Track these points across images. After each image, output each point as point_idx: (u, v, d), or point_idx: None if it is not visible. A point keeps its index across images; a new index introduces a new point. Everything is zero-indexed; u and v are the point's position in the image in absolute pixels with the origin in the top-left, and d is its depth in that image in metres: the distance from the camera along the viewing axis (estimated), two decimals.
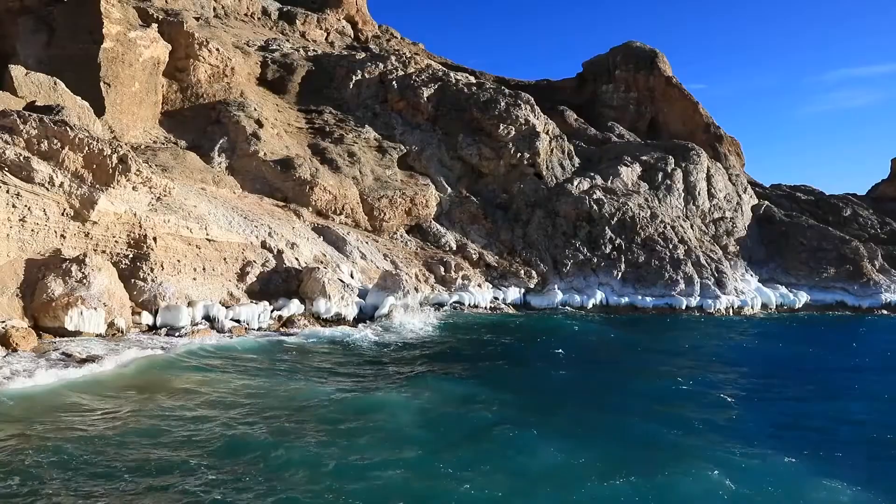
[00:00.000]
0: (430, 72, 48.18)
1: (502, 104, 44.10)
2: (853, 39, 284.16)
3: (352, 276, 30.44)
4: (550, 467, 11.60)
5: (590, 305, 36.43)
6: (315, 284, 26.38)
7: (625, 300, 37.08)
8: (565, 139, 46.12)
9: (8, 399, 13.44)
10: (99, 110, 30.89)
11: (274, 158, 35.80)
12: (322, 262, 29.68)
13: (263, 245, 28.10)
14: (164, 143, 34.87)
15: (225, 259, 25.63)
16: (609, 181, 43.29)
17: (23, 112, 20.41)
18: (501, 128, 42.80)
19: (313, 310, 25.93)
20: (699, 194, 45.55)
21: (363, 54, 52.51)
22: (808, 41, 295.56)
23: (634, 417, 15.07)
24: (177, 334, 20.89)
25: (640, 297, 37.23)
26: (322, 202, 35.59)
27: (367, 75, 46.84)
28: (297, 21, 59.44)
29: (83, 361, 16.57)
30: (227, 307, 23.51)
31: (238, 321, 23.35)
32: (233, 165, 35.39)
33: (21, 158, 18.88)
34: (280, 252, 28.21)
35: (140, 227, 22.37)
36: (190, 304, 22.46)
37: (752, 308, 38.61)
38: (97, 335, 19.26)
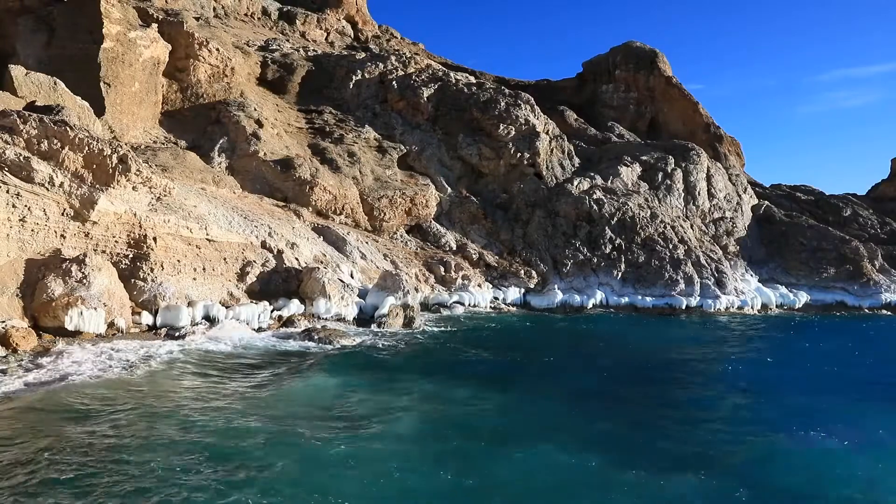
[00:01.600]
0: (430, 72, 48.17)
1: (502, 104, 44.10)
2: (849, 40, 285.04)
3: (352, 276, 30.43)
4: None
5: (590, 305, 36.39)
6: (315, 284, 26.38)
7: (625, 300, 37.07)
8: (565, 139, 46.10)
9: None
10: (99, 110, 30.90)
11: (274, 158, 35.80)
12: (322, 262, 29.67)
13: (263, 245, 28.10)
14: (164, 143, 34.86)
15: (225, 259, 25.62)
16: (609, 181, 43.29)
17: (23, 112, 20.39)
18: (501, 128, 42.80)
19: (313, 310, 25.93)
20: (699, 194, 45.54)
21: (363, 54, 52.51)
22: (805, 41, 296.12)
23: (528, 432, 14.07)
24: (177, 334, 20.89)
25: (640, 297, 37.22)
26: (322, 202, 35.58)
27: (367, 75, 46.84)
28: (297, 21, 59.52)
29: (54, 357, 16.52)
30: (227, 307, 23.51)
31: (238, 321, 23.34)
32: (233, 165, 35.39)
33: (21, 158, 18.87)
34: (280, 252, 28.20)
35: (140, 227, 22.36)
36: (190, 304, 22.45)
37: (752, 308, 38.60)
38: (97, 335, 19.26)
